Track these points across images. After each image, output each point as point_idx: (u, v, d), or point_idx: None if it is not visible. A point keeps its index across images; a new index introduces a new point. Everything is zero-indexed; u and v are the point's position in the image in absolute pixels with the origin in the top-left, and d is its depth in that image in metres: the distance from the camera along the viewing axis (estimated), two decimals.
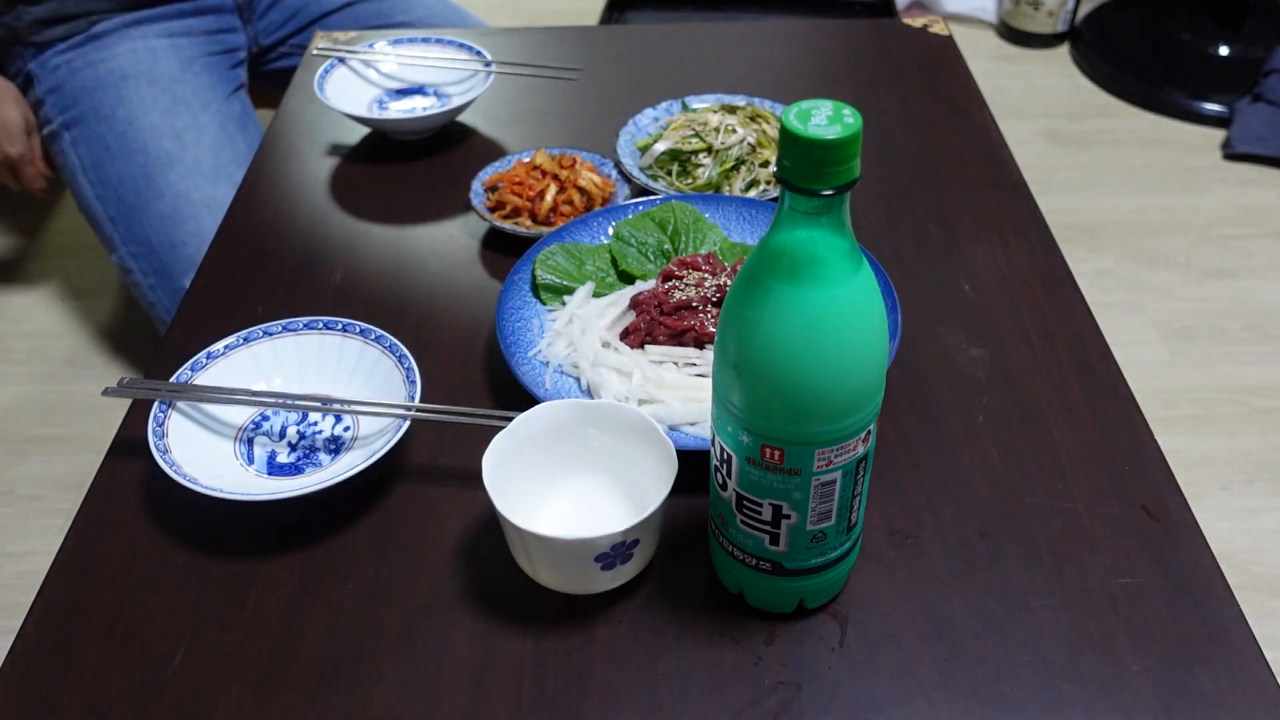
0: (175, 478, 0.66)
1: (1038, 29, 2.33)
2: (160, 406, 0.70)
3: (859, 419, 0.53)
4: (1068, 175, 1.97)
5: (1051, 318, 0.82)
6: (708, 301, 0.76)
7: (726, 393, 0.53)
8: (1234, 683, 0.58)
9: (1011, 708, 0.57)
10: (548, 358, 0.76)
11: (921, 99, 1.09)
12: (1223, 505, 1.39)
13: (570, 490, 0.67)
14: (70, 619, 0.63)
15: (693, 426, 0.70)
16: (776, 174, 0.47)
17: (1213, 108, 2.09)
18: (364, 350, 0.75)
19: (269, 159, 1.04)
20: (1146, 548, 0.65)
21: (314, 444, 0.73)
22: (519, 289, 0.81)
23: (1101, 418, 0.74)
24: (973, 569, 0.64)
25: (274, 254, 0.91)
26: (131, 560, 0.67)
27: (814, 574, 0.59)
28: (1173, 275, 1.75)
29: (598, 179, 0.94)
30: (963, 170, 0.99)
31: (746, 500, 0.56)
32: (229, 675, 0.60)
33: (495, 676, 0.60)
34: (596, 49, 1.20)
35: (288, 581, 0.65)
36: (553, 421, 0.65)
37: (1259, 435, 1.48)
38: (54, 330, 1.70)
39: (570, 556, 0.59)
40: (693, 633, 0.61)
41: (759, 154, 0.96)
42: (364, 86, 1.10)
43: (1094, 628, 0.61)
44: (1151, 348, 1.62)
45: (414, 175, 1.01)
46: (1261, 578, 1.31)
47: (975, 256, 0.88)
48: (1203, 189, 1.94)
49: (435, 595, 0.64)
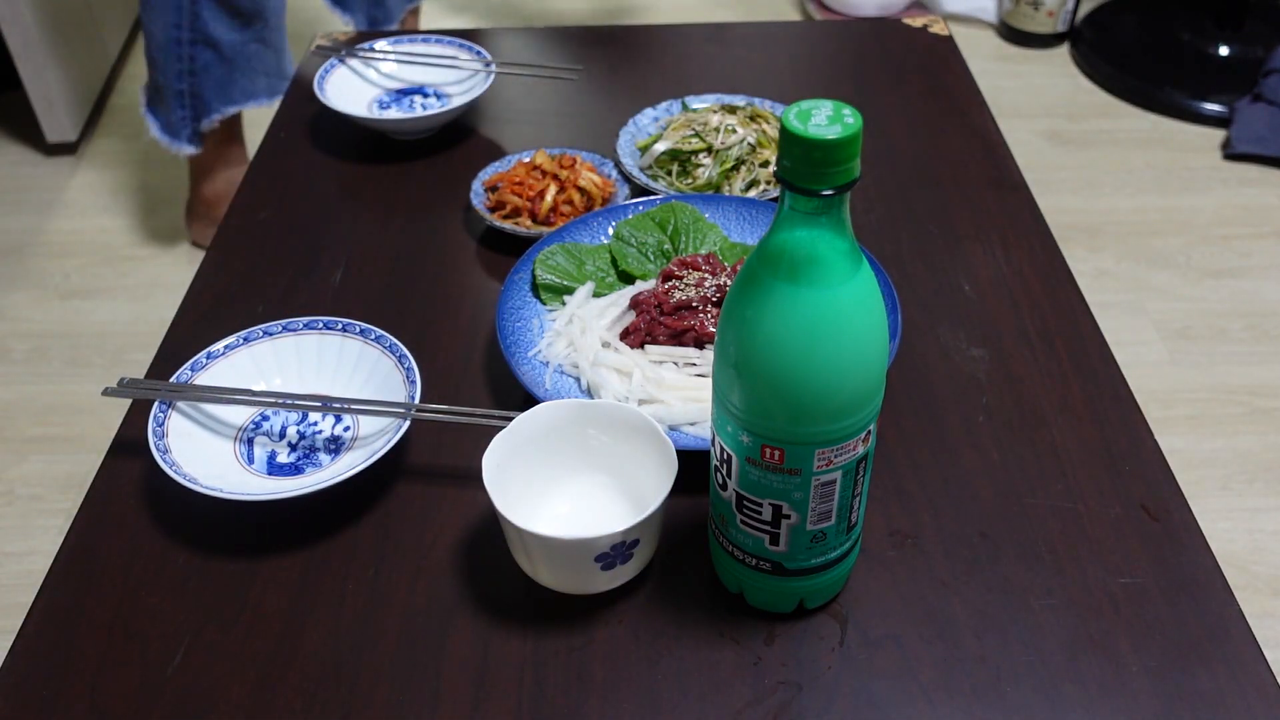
0: (175, 478, 0.66)
1: (1038, 29, 2.32)
2: (160, 406, 0.70)
3: (859, 419, 0.53)
4: (1068, 175, 1.97)
5: (1051, 318, 0.82)
6: (708, 301, 0.76)
7: (726, 393, 0.53)
8: (1234, 683, 0.58)
9: (1011, 708, 0.57)
10: (548, 358, 0.76)
11: (921, 99, 1.09)
12: (1223, 505, 1.39)
13: (570, 490, 0.67)
14: (70, 619, 0.63)
15: (693, 426, 0.70)
16: (776, 174, 0.47)
17: (1213, 108, 2.08)
18: (364, 350, 0.75)
19: (269, 159, 1.04)
20: (1146, 548, 0.65)
21: (314, 444, 0.73)
22: (519, 289, 0.81)
23: (1101, 418, 0.74)
24: (973, 569, 0.64)
25: (274, 254, 0.91)
26: (131, 560, 0.67)
27: (814, 574, 0.59)
28: (1173, 275, 1.75)
29: (598, 179, 0.94)
30: (963, 170, 0.99)
31: (746, 500, 0.56)
32: (229, 675, 0.60)
33: (495, 676, 0.60)
34: (596, 49, 1.20)
35: (288, 581, 0.65)
36: (553, 421, 0.65)
37: (1259, 435, 1.48)
38: (54, 330, 1.70)
39: (570, 556, 0.59)
40: (693, 633, 0.61)
41: (759, 154, 0.96)
42: (364, 86, 1.10)
43: (1094, 628, 0.61)
44: (1151, 348, 1.62)
45: (414, 175, 1.01)
46: (1261, 578, 1.31)
47: (975, 256, 0.88)
48: (1203, 189, 1.94)
49: (435, 595, 0.64)
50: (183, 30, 1.55)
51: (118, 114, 2.16)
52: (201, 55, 1.58)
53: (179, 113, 1.62)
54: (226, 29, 1.57)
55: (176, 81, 1.59)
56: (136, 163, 2.03)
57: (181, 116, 1.63)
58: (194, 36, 1.56)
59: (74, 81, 2.02)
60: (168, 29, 1.55)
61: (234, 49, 1.60)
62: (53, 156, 2.05)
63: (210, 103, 1.62)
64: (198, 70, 1.59)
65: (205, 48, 1.57)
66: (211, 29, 1.56)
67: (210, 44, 1.57)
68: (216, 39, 1.57)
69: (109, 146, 2.08)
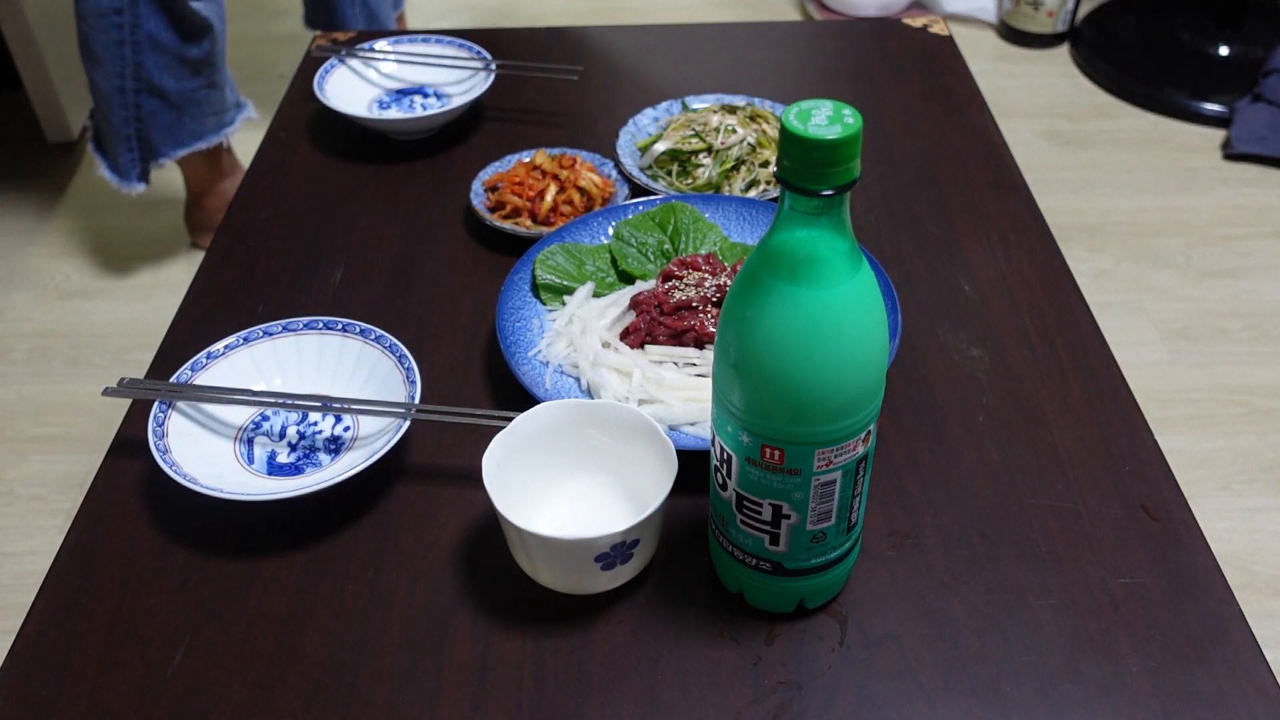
0: (175, 478, 0.66)
1: (1038, 29, 2.32)
2: (160, 406, 0.70)
3: (859, 419, 0.53)
4: (1068, 175, 1.97)
5: (1051, 318, 0.82)
6: (708, 301, 0.76)
7: (726, 393, 0.53)
8: (1234, 683, 0.58)
9: (1011, 708, 0.57)
10: (548, 358, 0.76)
11: (921, 99, 1.09)
12: (1223, 505, 1.39)
13: (570, 490, 0.67)
14: (70, 619, 0.63)
15: (693, 426, 0.70)
16: (776, 174, 0.47)
17: (1213, 108, 2.08)
18: (364, 350, 0.75)
19: (269, 159, 1.04)
20: (1146, 548, 0.65)
21: (314, 444, 0.73)
22: (519, 289, 0.81)
23: (1101, 418, 0.74)
24: (973, 569, 0.64)
25: (274, 254, 0.91)
26: (131, 560, 0.67)
27: (814, 574, 0.59)
28: (1173, 275, 1.75)
29: (598, 179, 0.94)
30: (963, 170, 0.99)
31: (746, 500, 0.56)
32: (229, 675, 0.60)
33: (495, 676, 0.60)
34: (596, 49, 1.20)
35: (288, 581, 0.65)
36: (553, 421, 0.65)
37: (1259, 435, 1.48)
38: (54, 330, 1.70)
39: (570, 556, 0.59)
40: (693, 633, 0.61)
41: (759, 154, 0.96)
42: (364, 86, 1.10)
43: (1094, 628, 0.61)
44: (1151, 348, 1.62)
45: (414, 175, 1.01)
46: (1261, 578, 1.31)
47: (975, 256, 0.88)
48: (1203, 189, 1.94)
49: (435, 595, 0.64)
50: (126, 80, 1.50)
51: None
52: (148, 104, 1.53)
53: (126, 155, 1.57)
54: (174, 79, 1.52)
55: (123, 128, 1.54)
56: None
57: (130, 159, 1.58)
58: (138, 86, 1.51)
59: (74, 81, 2.02)
60: (110, 79, 1.49)
61: (181, 97, 1.55)
62: (53, 156, 2.05)
63: (159, 147, 1.58)
64: (144, 118, 1.54)
65: (151, 96, 1.52)
66: (157, 79, 1.51)
67: (156, 93, 1.52)
68: (163, 88, 1.52)
69: None
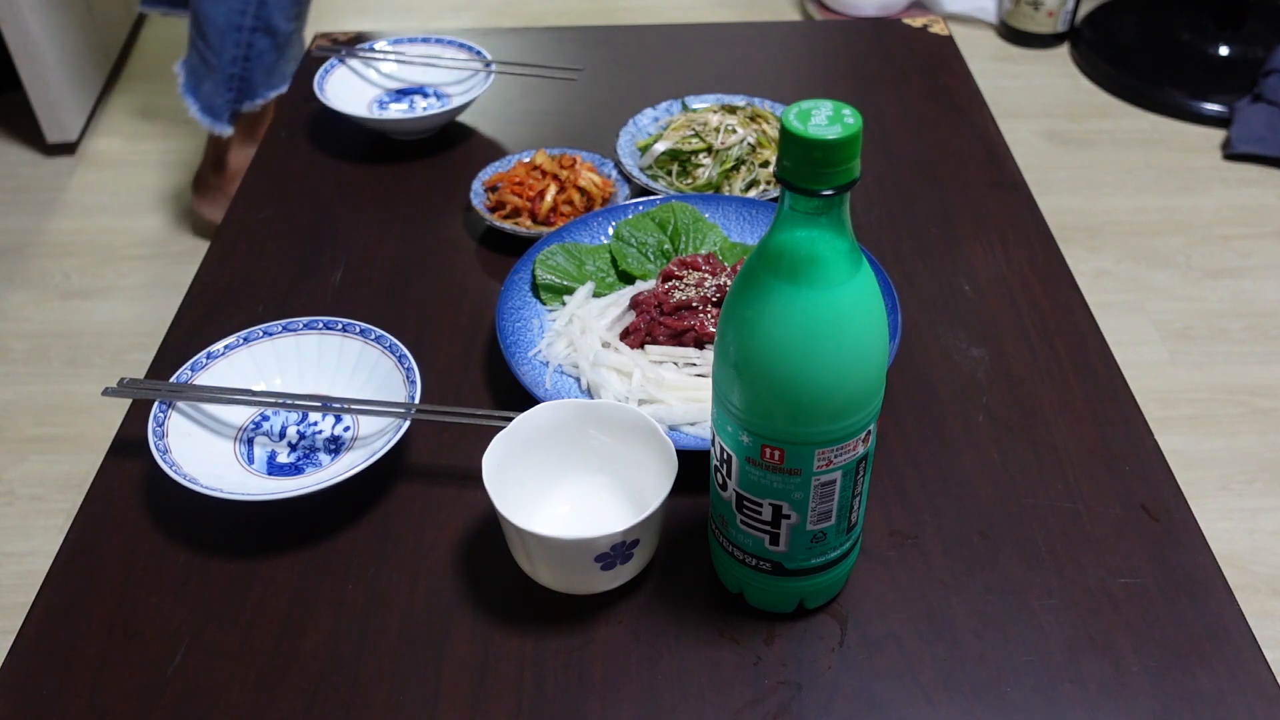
0: (175, 478, 0.66)
1: (1038, 29, 2.32)
2: (160, 406, 0.70)
3: (859, 419, 0.53)
4: (1068, 175, 1.97)
5: (1051, 318, 0.82)
6: (708, 301, 0.76)
7: (726, 393, 0.53)
8: (1234, 683, 0.58)
9: (1011, 708, 0.57)
10: (548, 358, 0.76)
11: (921, 99, 1.09)
12: (1223, 505, 1.39)
13: (570, 490, 0.67)
14: (70, 619, 0.63)
15: (693, 426, 0.70)
16: (776, 174, 0.47)
17: (1213, 108, 2.08)
18: (364, 350, 0.75)
19: (269, 159, 1.04)
20: (1146, 548, 0.65)
21: (314, 444, 0.73)
22: (519, 289, 0.81)
23: (1101, 418, 0.74)
24: (973, 569, 0.64)
25: (274, 254, 0.91)
26: (131, 560, 0.67)
27: (814, 574, 0.59)
28: (1173, 275, 1.75)
29: (598, 179, 0.94)
30: (963, 170, 0.99)
31: (746, 500, 0.56)
32: (229, 675, 0.60)
33: (495, 676, 0.60)
34: (596, 49, 1.20)
35: (288, 581, 0.65)
36: (553, 421, 0.65)
37: (1259, 435, 1.48)
38: (54, 330, 1.70)
39: (570, 556, 0.59)
40: (693, 633, 0.61)
41: (759, 154, 0.96)
42: (364, 86, 1.10)
43: (1094, 628, 0.61)
44: (1151, 348, 1.62)
45: (414, 175, 1.01)
46: (1261, 578, 1.31)
47: (975, 256, 0.88)
48: (1203, 189, 1.94)
49: (435, 595, 0.64)
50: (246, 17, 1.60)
51: (118, 114, 2.16)
52: (259, 42, 1.63)
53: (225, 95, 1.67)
54: (285, 19, 1.63)
55: (230, 65, 1.64)
56: (136, 163, 2.03)
57: (227, 99, 1.67)
58: (256, 24, 1.61)
59: (74, 81, 2.02)
60: (231, 15, 1.59)
61: (286, 37, 1.65)
62: (53, 156, 2.05)
63: (257, 87, 1.67)
64: (253, 56, 1.64)
65: (264, 35, 1.62)
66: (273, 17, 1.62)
67: (269, 32, 1.62)
68: (275, 27, 1.63)
69: (109, 146, 2.08)
